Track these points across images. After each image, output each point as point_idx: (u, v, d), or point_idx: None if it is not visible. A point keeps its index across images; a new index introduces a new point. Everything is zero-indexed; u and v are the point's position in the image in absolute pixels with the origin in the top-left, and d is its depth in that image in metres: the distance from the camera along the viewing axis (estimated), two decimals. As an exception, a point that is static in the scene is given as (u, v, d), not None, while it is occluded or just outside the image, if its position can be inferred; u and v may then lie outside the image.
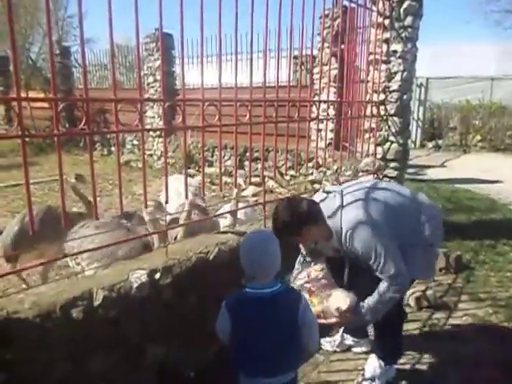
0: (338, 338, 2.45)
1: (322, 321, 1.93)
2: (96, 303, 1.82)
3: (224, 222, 3.07)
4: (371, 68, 3.76)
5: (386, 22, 3.67)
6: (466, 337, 2.57)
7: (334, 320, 1.96)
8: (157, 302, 2.05)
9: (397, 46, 3.65)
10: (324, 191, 2.16)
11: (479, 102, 11.58)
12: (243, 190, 4.77)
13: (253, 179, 6.37)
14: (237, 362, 1.59)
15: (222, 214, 3.14)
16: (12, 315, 1.63)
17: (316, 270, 2.10)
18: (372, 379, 2.12)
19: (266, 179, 7.06)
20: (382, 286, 1.92)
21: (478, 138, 11.20)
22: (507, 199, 5.88)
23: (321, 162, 6.24)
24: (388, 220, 1.94)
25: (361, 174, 4.17)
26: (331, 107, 5.02)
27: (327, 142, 6.23)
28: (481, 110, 11.31)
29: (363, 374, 2.16)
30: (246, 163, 7.25)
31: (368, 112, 3.78)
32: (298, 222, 1.94)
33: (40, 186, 6.95)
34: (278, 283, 1.56)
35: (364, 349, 2.44)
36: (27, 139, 1.66)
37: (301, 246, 2.28)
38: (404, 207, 2.05)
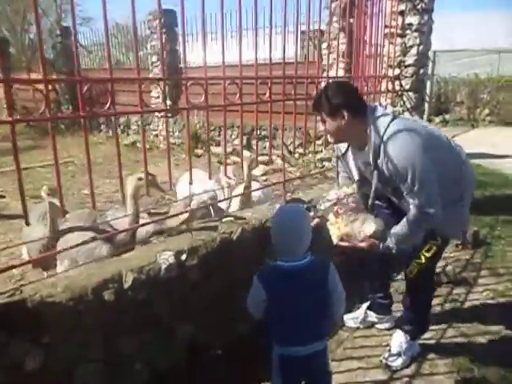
0: (361, 314, 2.47)
1: (346, 243, 1.90)
2: (126, 285, 1.84)
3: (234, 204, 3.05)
4: (385, 42, 3.68)
5: (402, -7, 3.57)
6: (488, 312, 2.58)
7: (358, 244, 1.89)
8: (184, 283, 2.06)
9: (412, 19, 3.57)
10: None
11: (488, 76, 11.40)
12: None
13: (260, 158, 6.29)
14: (272, 332, 1.61)
15: (236, 196, 3.11)
16: (46, 299, 1.64)
17: (346, 192, 1.98)
18: (398, 354, 2.13)
19: (274, 157, 7.03)
20: (411, 213, 1.81)
21: (486, 112, 11.06)
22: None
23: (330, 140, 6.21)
24: (437, 155, 1.81)
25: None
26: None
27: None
28: (489, 83, 11.14)
29: (389, 350, 2.17)
30: (254, 142, 7.21)
31: (382, 88, 3.72)
32: (339, 102, 1.85)
33: (50, 168, 6.93)
34: (307, 255, 1.57)
35: (387, 325, 2.46)
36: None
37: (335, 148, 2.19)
38: (452, 153, 1.95)
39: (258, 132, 2.91)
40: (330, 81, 2.01)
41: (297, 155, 7.01)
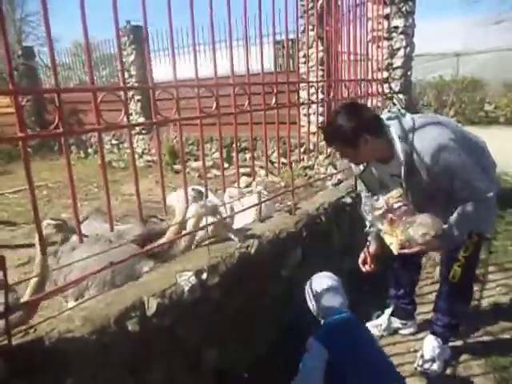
0: (384, 321, 2.39)
1: (407, 250, 1.81)
2: (150, 312, 1.68)
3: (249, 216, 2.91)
4: (371, 46, 3.69)
5: (384, -3, 3.61)
6: (506, 307, 2.57)
7: (419, 248, 1.80)
8: (207, 303, 1.92)
9: (398, 21, 3.60)
10: (390, 112, 1.94)
11: (452, 78, 11.81)
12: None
13: (241, 170, 6.17)
14: None
15: (245, 209, 2.97)
16: (65, 334, 1.47)
17: (393, 197, 1.87)
18: (432, 360, 2.06)
19: (257, 169, 6.93)
20: (471, 203, 1.72)
21: (452, 113, 11.42)
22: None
23: (312, 147, 6.19)
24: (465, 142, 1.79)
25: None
26: (319, 90, 4.96)
27: (318, 127, 6.16)
28: (454, 85, 11.53)
29: (422, 356, 2.10)
30: (234, 154, 7.10)
31: (370, 91, 3.72)
32: (357, 128, 1.72)
33: (20, 194, 6.58)
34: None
35: (411, 330, 2.40)
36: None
37: (352, 166, 2.09)
38: (474, 138, 1.92)
39: (238, 144, 2.67)
40: (338, 106, 1.86)
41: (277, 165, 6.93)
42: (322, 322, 1.75)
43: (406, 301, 2.38)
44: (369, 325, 2.40)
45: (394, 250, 1.82)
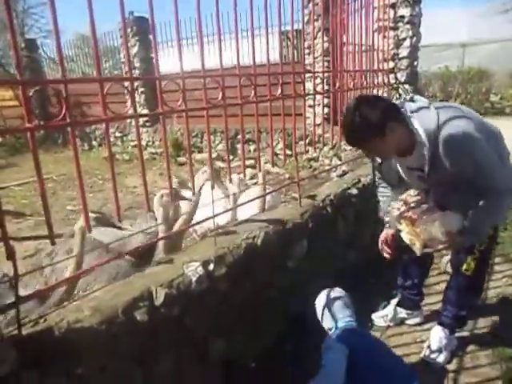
0: (390, 312, 2.40)
1: (431, 250, 1.80)
2: (158, 302, 1.69)
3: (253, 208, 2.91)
4: (376, 35, 3.65)
5: (390, -14, 3.56)
6: (512, 298, 2.57)
7: (441, 246, 1.78)
8: (214, 294, 1.93)
9: (404, 11, 3.56)
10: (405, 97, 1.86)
11: (457, 68, 11.70)
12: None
13: (246, 162, 6.18)
14: None
15: (248, 201, 2.98)
16: (74, 324, 1.48)
17: (412, 195, 1.83)
18: (439, 350, 2.07)
19: (263, 160, 6.91)
20: (492, 197, 1.68)
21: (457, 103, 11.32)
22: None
23: (317, 139, 6.16)
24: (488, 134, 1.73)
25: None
26: (324, 81, 4.92)
27: (323, 118, 6.13)
28: (459, 75, 11.41)
29: (429, 346, 2.10)
30: (238, 146, 7.09)
31: (375, 81, 3.69)
32: (381, 116, 1.61)
33: (26, 186, 6.60)
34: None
35: (417, 320, 2.40)
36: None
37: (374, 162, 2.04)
38: (494, 134, 1.84)
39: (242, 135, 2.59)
40: (348, 106, 1.75)
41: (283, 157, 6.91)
42: (332, 331, 1.83)
43: (413, 291, 2.37)
44: (375, 315, 2.42)
45: (417, 250, 1.79)
